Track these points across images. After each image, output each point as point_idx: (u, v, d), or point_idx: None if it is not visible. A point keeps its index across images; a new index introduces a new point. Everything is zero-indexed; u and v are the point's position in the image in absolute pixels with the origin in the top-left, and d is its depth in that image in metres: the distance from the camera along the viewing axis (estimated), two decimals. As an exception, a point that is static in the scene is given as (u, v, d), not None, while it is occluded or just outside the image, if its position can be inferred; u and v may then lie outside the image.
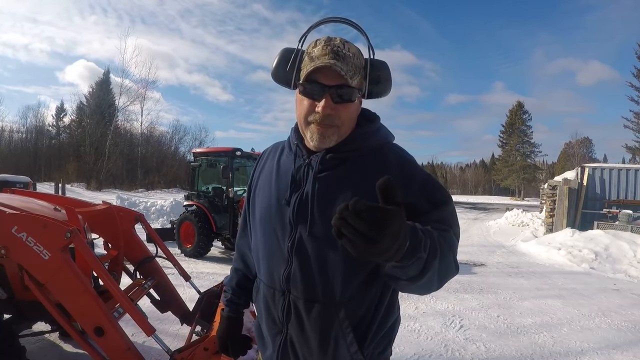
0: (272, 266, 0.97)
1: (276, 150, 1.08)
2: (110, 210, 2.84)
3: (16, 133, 32.44)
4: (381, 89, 0.96)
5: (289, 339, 0.95)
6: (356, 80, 0.89)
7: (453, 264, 0.83)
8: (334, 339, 0.91)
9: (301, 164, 0.97)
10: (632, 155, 32.36)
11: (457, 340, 3.48)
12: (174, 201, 13.35)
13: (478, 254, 8.27)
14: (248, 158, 7.45)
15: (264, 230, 0.99)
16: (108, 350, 1.86)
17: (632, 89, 31.49)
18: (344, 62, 0.87)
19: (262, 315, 1.03)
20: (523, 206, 21.68)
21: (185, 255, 6.86)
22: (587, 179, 10.63)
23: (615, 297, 5.21)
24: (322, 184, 0.93)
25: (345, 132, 0.93)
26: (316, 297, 0.91)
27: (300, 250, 0.91)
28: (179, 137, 38.17)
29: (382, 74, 0.94)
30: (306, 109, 0.90)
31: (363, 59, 0.94)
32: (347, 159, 0.94)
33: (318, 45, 0.90)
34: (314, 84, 0.88)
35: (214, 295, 2.89)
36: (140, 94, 32.39)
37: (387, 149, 0.97)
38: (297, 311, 0.93)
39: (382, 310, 0.93)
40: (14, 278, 2.18)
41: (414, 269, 0.71)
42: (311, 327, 0.92)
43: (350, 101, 0.90)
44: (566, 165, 38.42)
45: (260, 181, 1.07)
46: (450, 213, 0.89)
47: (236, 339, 1.19)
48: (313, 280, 0.91)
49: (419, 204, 0.87)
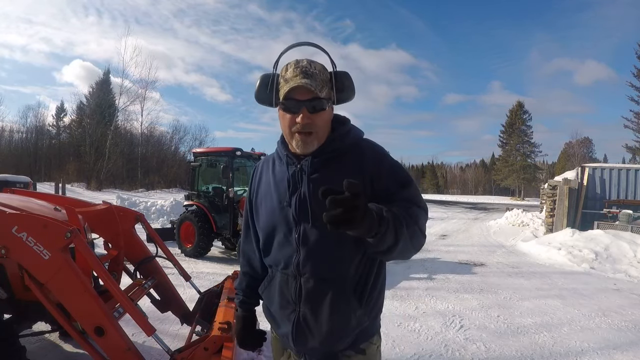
0: (285, 256, 1.14)
1: (267, 163, 1.26)
2: (111, 210, 2.85)
3: (16, 133, 32.53)
4: (346, 95, 1.16)
5: (302, 316, 1.12)
6: (325, 92, 1.08)
7: (419, 232, 1.00)
8: (341, 309, 1.09)
9: (295, 169, 1.14)
10: (632, 155, 32.35)
11: (457, 340, 3.48)
12: (174, 201, 13.35)
13: (478, 254, 8.27)
14: (248, 158, 7.45)
15: (273, 230, 1.16)
16: (108, 350, 1.86)
17: (632, 88, 31.50)
18: (312, 79, 1.06)
19: (273, 299, 1.19)
20: (523, 206, 21.66)
21: (186, 255, 6.86)
22: (587, 179, 10.63)
23: (616, 297, 5.20)
24: (315, 183, 1.10)
25: (323, 136, 1.12)
26: (323, 276, 1.10)
27: (306, 240, 1.10)
28: (179, 137, 38.23)
29: (345, 82, 1.14)
30: (288, 122, 1.09)
31: (328, 72, 1.13)
32: (331, 158, 1.12)
33: (289, 68, 1.09)
34: (291, 100, 1.07)
35: (214, 295, 2.89)
36: (140, 94, 32.43)
37: (362, 145, 1.16)
38: (307, 290, 1.11)
39: (374, 272, 1.14)
40: (14, 278, 2.19)
41: (389, 239, 0.89)
42: (321, 302, 1.10)
43: (323, 110, 1.08)
44: (566, 165, 38.43)
45: (261, 192, 1.24)
46: (413, 191, 1.09)
47: (253, 334, 1.36)
48: (319, 262, 1.09)
49: (389, 186, 1.08)
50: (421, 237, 1.02)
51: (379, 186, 1.07)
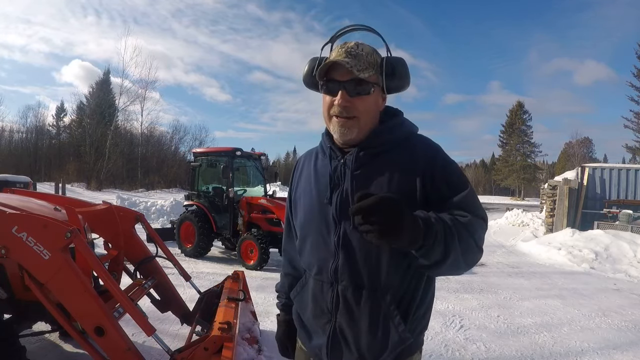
0: (321, 260, 1.04)
1: (310, 156, 1.17)
2: (111, 210, 2.84)
3: (16, 133, 32.49)
4: (398, 83, 1.03)
5: (339, 327, 1.01)
6: (368, 74, 0.96)
7: (474, 246, 0.89)
8: (382, 322, 0.98)
9: (337, 164, 1.04)
10: (632, 155, 32.34)
11: (457, 340, 3.48)
12: (174, 201, 13.35)
13: None
14: (248, 158, 7.45)
15: (310, 229, 1.07)
16: (108, 350, 1.86)
17: (632, 88, 31.46)
18: (355, 59, 0.95)
19: (306, 307, 1.10)
20: (523, 206, 21.67)
21: (186, 255, 6.86)
22: (587, 178, 10.63)
23: (616, 297, 5.21)
24: (359, 180, 1.00)
25: (365, 125, 1.00)
26: (363, 284, 0.99)
27: (346, 244, 0.99)
28: (179, 137, 38.25)
29: (397, 68, 1.00)
30: (327, 104, 1.01)
31: (379, 57, 1.02)
32: (378, 154, 1.01)
33: (335, 49, 1.01)
34: (330, 81, 0.99)
35: (214, 295, 2.89)
36: (140, 94, 32.43)
37: (414, 140, 1.04)
38: (345, 300, 1.00)
39: (422, 287, 1.01)
40: (14, 278, 2.18)
41: (436, 254, 0.82)
42: (360, 314, 0.99)
43: (366, 94, 0.98)
44: (566, 165, 38.43)
45: (300, 187, 1.15)
46: (470, 197, 0.95)
47: (295, 340, 1.24)
48: (360, 269, 0.98)
49: (443, 189, 0.95)
50: (477, 252, 0.91)
51: (432, 188, 0.96)
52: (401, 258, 0.96)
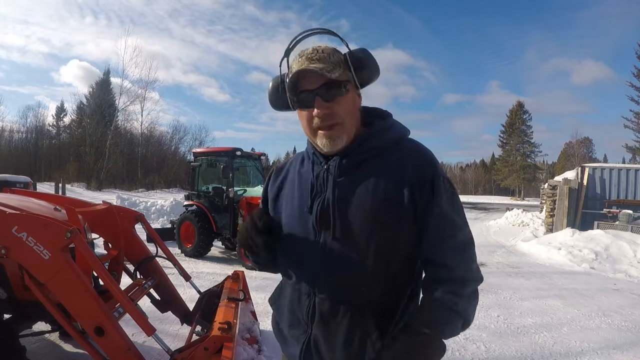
0: (299, 270, 1.00)
1: (297, 160, 1.10)
2: (111, 210, 2.84)
3: (16, 133, 32.54)
4: (368, 74, 0.96)
5: (314, 339, 0.97)
6: (337, 73, 0.90)
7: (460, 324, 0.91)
8: (359, 338, 0.93)
9: (320, 170, 0.98)
10: (632, 155, 32.35)
11: (457, 340, 3.47)
12: (174, 201, 13.34)
13: (478, 254, 8.07)
14: (248, 158, 7.46)
15: (290, 237, 1.01)
16: (108, 350, 1.86)
17: (632, 88, 31.48)
18: (321, 62, 0.90)
19: (283, 316, 1.06)
20: (523, 206, 21.67)
21: (186, 255, 6.86)
22: (587, 178, 10.62)
23: (616, 297, 5.20)
24: (341, 189, 0.94)
25: (350, 128, 0.95)
26: (342, 298, 0.94)
27: (325, 255, 0.94)
28: (179, 137, 38.32)
29: (363, 59, 0.94)
30: (307, 119, 0.94)
31: (341, 54, 0.95)
32: (364, 160, 0.95)
33: (295, 60, 0.95)
34: (302, 93, 0.92)
35: (214, 295, 2.89)
36: (140, 94, 32.45)
37: (403, 146, 0.97)
38: (321, 312, 0.95)
39: (404, 303, 0.96)
40: (14, 278, 2.18)
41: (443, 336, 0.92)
42: (337, 327, 0.94)
43: (340, 95, 0.91)
44: (566, 165, 38.43)
45: (284, 191, 1.08)
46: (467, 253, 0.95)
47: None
48: (339, 282, 0.94)
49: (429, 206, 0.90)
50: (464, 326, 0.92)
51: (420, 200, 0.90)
52: (385, 271, 0.92)
